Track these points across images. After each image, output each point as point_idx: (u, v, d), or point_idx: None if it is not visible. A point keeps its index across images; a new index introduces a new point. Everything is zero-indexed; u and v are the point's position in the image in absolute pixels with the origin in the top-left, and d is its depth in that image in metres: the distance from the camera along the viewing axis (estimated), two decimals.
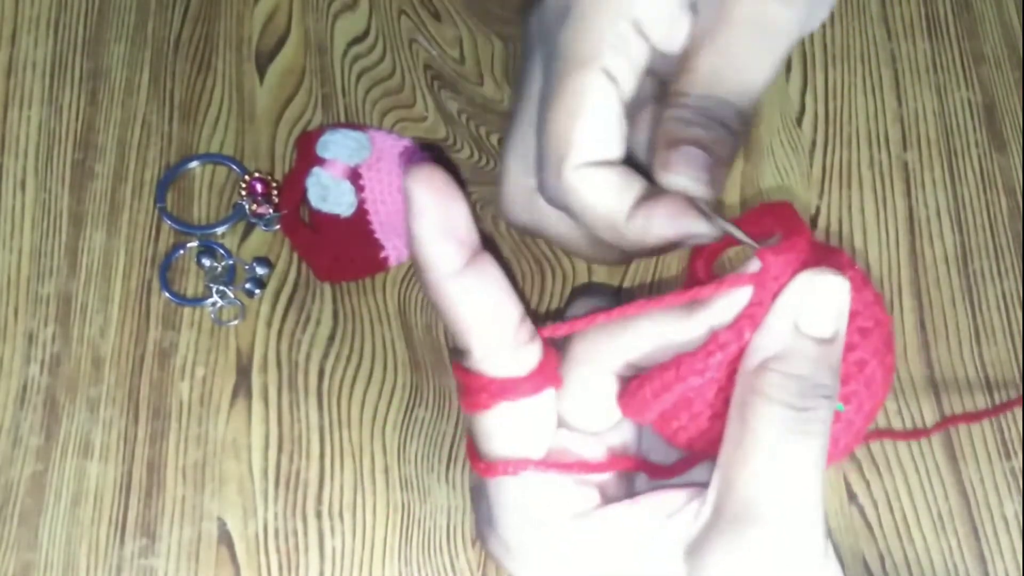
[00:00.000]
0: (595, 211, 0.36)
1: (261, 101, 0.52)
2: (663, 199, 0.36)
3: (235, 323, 0.47)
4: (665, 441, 0.37)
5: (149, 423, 0.45)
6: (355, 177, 0.49)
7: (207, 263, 0.48)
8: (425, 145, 0.50)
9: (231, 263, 0.48)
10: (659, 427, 0.36)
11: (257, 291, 0.48)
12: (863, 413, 0.35)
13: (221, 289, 0.47)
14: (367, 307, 0.48)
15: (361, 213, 0.49)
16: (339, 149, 0.49)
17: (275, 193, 0.49)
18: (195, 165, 0.50)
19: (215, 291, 0.47)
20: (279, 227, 0.49)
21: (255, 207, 0.49)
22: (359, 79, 0.52)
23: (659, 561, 0.33)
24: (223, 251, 0.48)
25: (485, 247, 0.33)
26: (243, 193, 0.49)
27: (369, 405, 0.46)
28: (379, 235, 0.48)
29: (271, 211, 0.49)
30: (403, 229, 0.48)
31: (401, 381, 0.47)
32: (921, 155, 0.52)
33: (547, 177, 0.37)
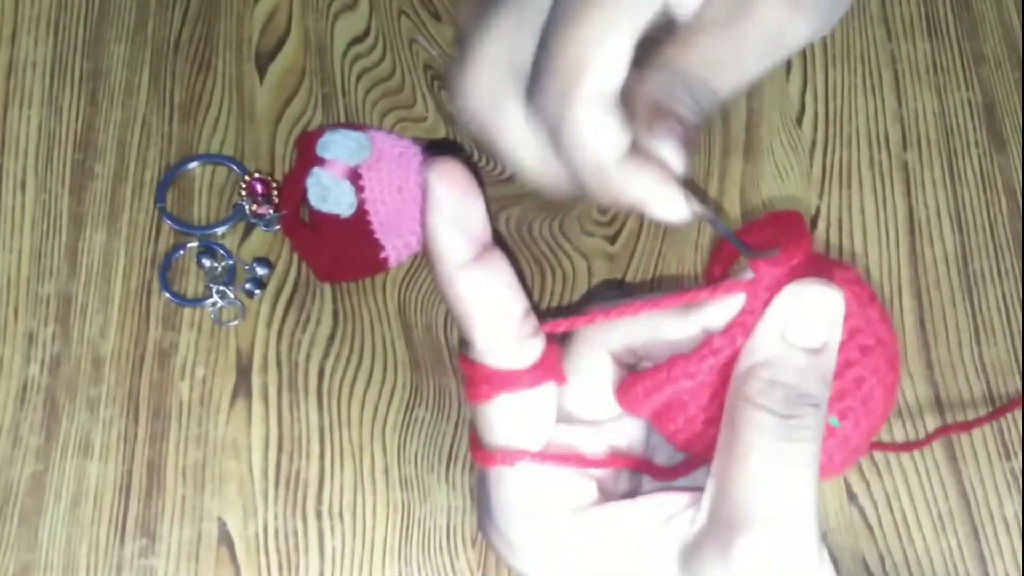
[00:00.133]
0: (590, 149, 0.33)
1: (261, 101, 0.52)
2: (652, 161, 0.34)
3: (235, 323, 0.47)
4: (666, 441, 0.37)
5: (149, 423, 0.45)
6: (355, 177, 0.49)
7: (207, 263, 0.48)
8: (446, 144, 0.50)
9: (231, 263, 0.48)
10: (658, 427, 0.36)
11: (257, 291, 0.48)
12: (860, 431, 0.35)
13: (221, 289, 0.47)
14: (367, 307, 0.48)
15: (361, 213, 0.49)
16: (339, 149, 0.49)
17: (275, 193, 0.49)
18: (195, 165, 0.50)
19: (215, 291, 0.47)
20: (279, 227, 0.49)
21: (255, 207, 0.49)
22: (359, 79, 0.52)
23: (654, 563, 0.33)
24: (223, 251, 0.48)
25: (497, 244, 0.33)
26: (243, 193, 0.49)
27: (369, 405, 0.46)
28: (379, 235, 0.48)
29: (271, 211, 0.49)
30: (403, 229, 0.48)
31: (401, 381, 0.47)
32: (921, 155, 0.52)
33: (547, 96, 0.34)
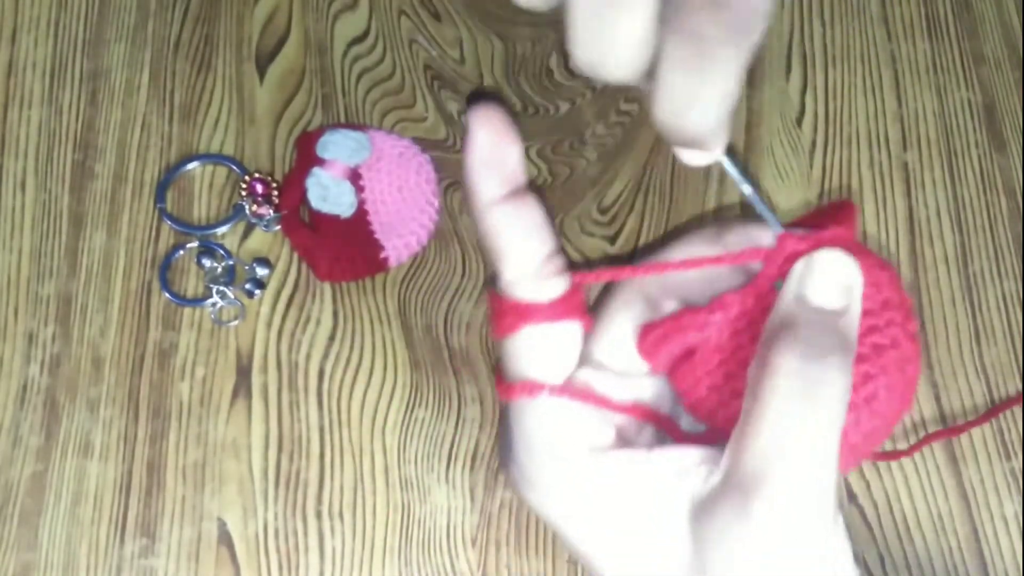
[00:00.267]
0: (717, 91, 0.29)
1: (261, 101, 0.52)
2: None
3: (235, 323, 0.47)
4: (678, 401, 0.37)
5: (149, 423, 0.45)
6: (355, 177, 0.49)
7: (207, 263, 0.48)
8: (488, 93, 0.50)
9: (231, 263, 0.48)
10: (672, 384, 0.36)
11: (257, 291, 0.48)
12: (860, 429, 0.35)
13: (221, 289, 0.47)
14: (367, 307, 0.48)
15: (361, 213, 0.49)
16: (339, 149, 0.49)
17: (275, 193, 0.49)
18: (195, 166, 0.50)
19: (215, 291, 0.47)
20: (279, 227, 0.49)
21: (255, 207, 0.49)
22: (359, 79, 0.52)
23: (664, 514, 0.33)
24: (223, 251, 0.48)
25: (531, 190, 0.35)
26: (243, 193, 0.49)
27: (369, 405, 0.46)
28: (379, 235, 0.48)
29: (271, 211, 0.49)
30: (403, 229, 0.48)
31: (401, 381, 0.47)
32: (921, 155, 0.52)
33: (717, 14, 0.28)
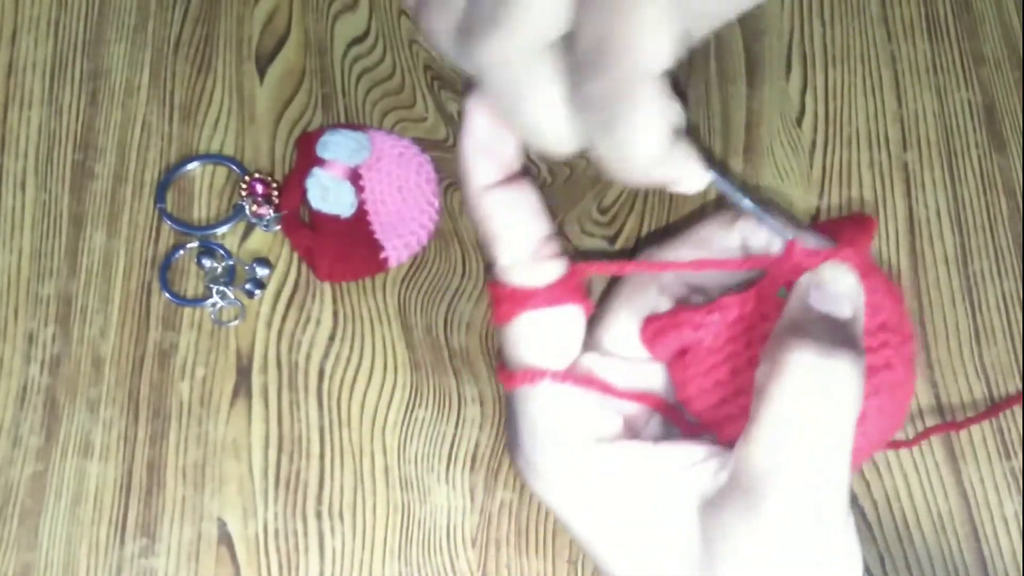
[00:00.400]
0: (641, 136, 0.31)
1: (261, 102, 0.52)
2: (681, 142, 0.32)
3: (235, 323, 0.47)
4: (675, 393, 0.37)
5: (149, 423, 0.45)
6: (355, 177, 0.49)
7: (207, 264, 0.48)
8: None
9: (231, 264, 0.48)
10: (671, 374, 0.36)
11: (257, 292, 0.48)
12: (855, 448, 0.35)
13: (221, 290, 0.47)
14: (367, 307, 0.48)
15: (361, 213, 0.49)
16: (339, 149, 0.49)
17: (275, 194, 0.49)
18: (195, 166, 0.50)
19: (215, 292, 0.47)
20: (279, 228, 0.49)
21: (255, 208, 0.49)
22: (359, 79, 0.52)
23: (672, 508, 0.33)
24: (223, 252, 0.48)
25: (526, 175, 0.35)
26: (243, 194, 0.49)
27: (369, 405, 0.46)
28: (379, 235, 0.48)
29: (271, 212, 0.49)
30: (403, 229, 0.48)
31: (401, 381, 0.47)
32: (921, 155, 0.52)
33: (597, 79, 0.30)
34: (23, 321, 0.47)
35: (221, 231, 0.49)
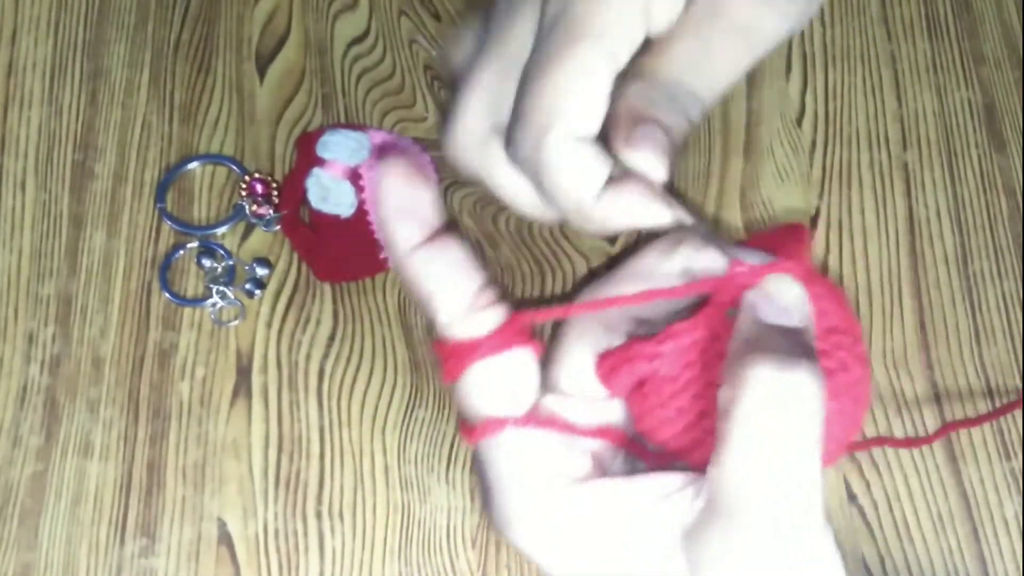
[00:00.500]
0: (566, 191, 0.36)
1: (261, 101, 0.52)
2: (631, 185, 0.36)
3: (235, 323, 0.47)
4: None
5: (149, 423, 0.45)
6: (355, 177, 0.49)
7: (207, 264, 0.48)
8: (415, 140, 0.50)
9: (231, 264, 0.48)
10: (630, 408, 0.36)
11: (257, 292, 0.48)
12: None
13: (221, 290, 0.47)
14: (367, 307, 0.48)
15: (361, 213, 0.49)
16: (339, 149, 0.49)
17: (275, 193, 0.49)
18: (195, 166, 0.50)
19: (215, 292, 0.47)
20: (279, 227, 0.49)
21: (255, 207, 0.49)
22: (359, 79, 0.52)
23: (652, 541, 0.33)
24: (223, 252, 0.48)
25: (450, 230, 0.35)
26: (243, 193, 0.49)
27: (369, 405, 0.46)
28: (379, 235, 0.48)
29: (271, 211, 0.49)
30: None
31: (401, 381, 0.47)
32: (921, 155, 0.52)
33: (522, 142, 0.37)
34: (23, 321, 0.47)
35: (221, 231, 0.49)
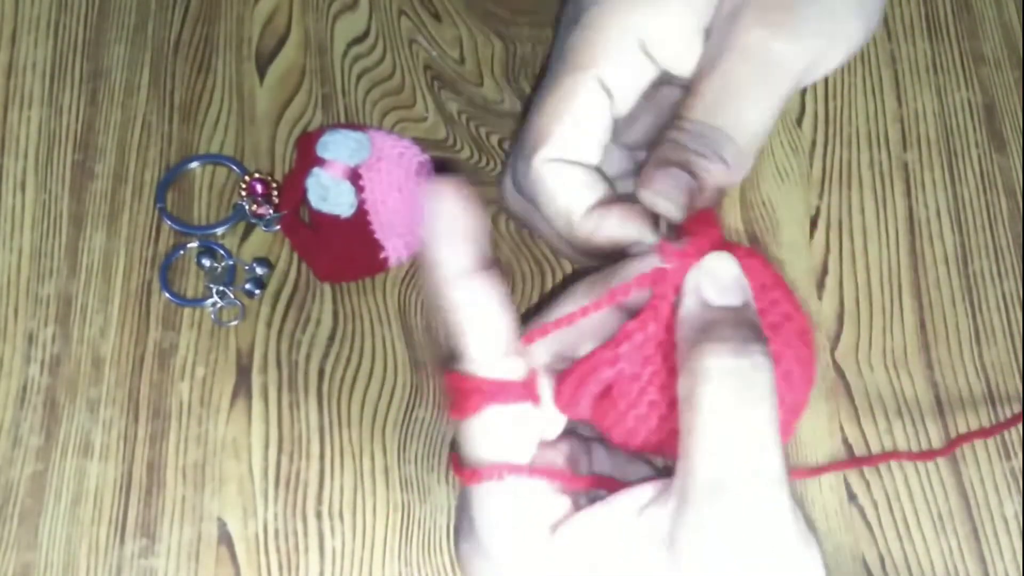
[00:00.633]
0: (554, 203, 0.38)
1: (261, 101, 0.52)
2: (619, 204, 0.38)
3: (235, 323, 0.47)
4: (607, 440, 0.37)
5: (149, 423, 0.45)
6: (355, 177, 0.49)
7: (207, 264, 0.48)
8: (449, 162, 0.50)
9: (231, 264, 0.48)
10: (597, 425, 0.36)
11: (257, 291, 0.48)
12: (786, 405, 0.35)
13: (221, 289, 0.47)
14: (367, 307, 0.48)
15: (361, 213, 0.49)
16: (339, 149, 0.49)
17: (275, 193, 0.49)
18: (195, 165, 0.50)
19: (215, 291, 0.47)
20: (279, 227, 0.49)
21: (255, 207, 0.49)
22: (359, 79, 0.52)
23: (641, 554, 0.33)
24: (223, 252, 0.48)
25: (495, 264, 0.34)
26: (243, 194, 0.49)
27: (369, 405, 0.46)
28: (379, 235, 0.48)
29: (271, 211, 0.49)
30: (403, 229, 0.48)
31: (401, 381, 0.47)
32: (921, 155, 0.52)
33: (519, 164, 0.39)
34: (23, 321, 0.47)
35: (221, 231, 0.49)
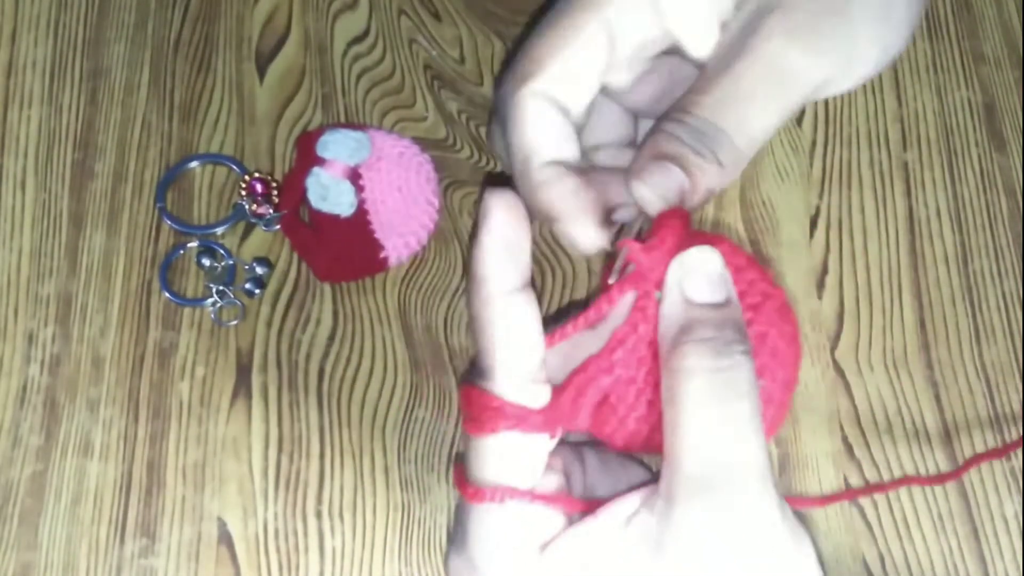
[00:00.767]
0: (523, 138, 0.36)
1: (261, 101, 0.52)
2: (582, 180, 0.36)
3: (235, 323, 0.47)
4: (607, 446, 0.37)
5: (149, 423, 0.45)
6: (355, 177, 0.49)
7: (207, 263, 0.48)
8: (502, 177, 0.50)
9: (231, 263, 0.48)
10: (596, 434, 0.37)
11: (257, 291, 0.48)
12: (779, 382, 0.36)
13: (221, 289, 0.47)
14: (367, 307, 0.48)
15: (361, 213, 0.49)
16: (339, 149, 0.49)
17: (275, 193, 0.49)
18: (195, 165, 0.50)
19: (215, 291, 0.47)
20: (279, 227, 0.49)
21: (255, 207, 0.49)
22: (359, 79, 0.52)
23: (630, 561, 0.33)
24: (223, 251, 0.48)
25: (532, 284, 0.34)
26: (243, 193, 0.49)
27: (369, 405, 0.46)
28: (379, 235, 0.48)
29: (271, 211, 0.49)
30: (403, 229, 0.48)
31: (401, 381, 0.47)
32: (921, 155, 0.52)
33: (506, 87, 0.37)
34: (23, 321, 0.47)
35: (221, 231, 0.49)
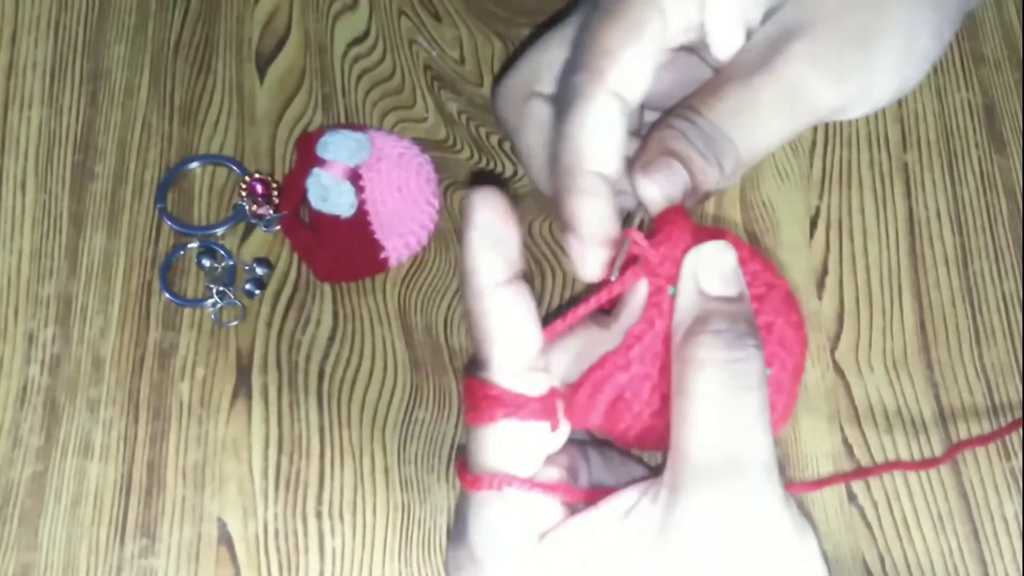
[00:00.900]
0: (579, 135, 0.37)
1: (261, 102, 0.52)
2: (613, 216, 0.37)
3: (235, 324, 0.47)
4: (618, 443, 0.38)
5: (149, 423, 0.45)
6: (355, 178, 0.49)
7: (207, 264, 0.48)
8: (488, 175, 0.50)
9: (231, 264, 0.48)
10: (609, 431, 0.37)
11: (257, 292, 0.48)
12: (788, 371, 0.36)
13: (221, 290, 0.47)
14: (367, 307, 0.48)
15: (361, 214, 0.49)
16: (339, 150, 0.49)
17: (275, 194, 0.49)
18: (195, 166, 0.50)
19: (215, 292, 0.47)
20: (279, 228, 0.49)
21: (255, 208, 0.49)
22: (359, 80, 0.52)
23: (630, 552, 0.33)
24: (223, 252, 0.48)
25: (525, 277, 0.34)
26: (243, 194, 0.49)
27: (369, 405, 0.46)
28: (379, 235, 0.48)
29: (271, 212, 0.49)
30: (403, 229, 0.48)
31: (401, 381, 0.47)
32: (921, 156, 0.52)
33: (576, 73, 0.37)
34: (23, 321, 0.47)
35: (221, 231, 0.49)
